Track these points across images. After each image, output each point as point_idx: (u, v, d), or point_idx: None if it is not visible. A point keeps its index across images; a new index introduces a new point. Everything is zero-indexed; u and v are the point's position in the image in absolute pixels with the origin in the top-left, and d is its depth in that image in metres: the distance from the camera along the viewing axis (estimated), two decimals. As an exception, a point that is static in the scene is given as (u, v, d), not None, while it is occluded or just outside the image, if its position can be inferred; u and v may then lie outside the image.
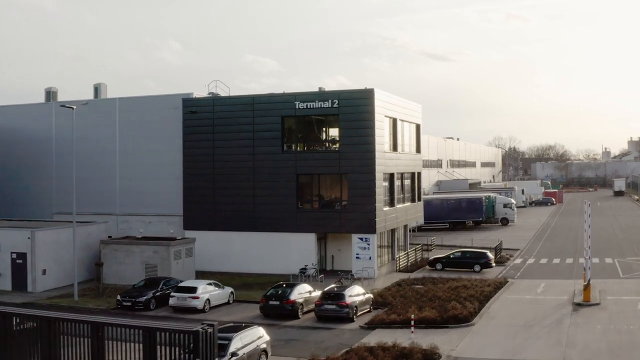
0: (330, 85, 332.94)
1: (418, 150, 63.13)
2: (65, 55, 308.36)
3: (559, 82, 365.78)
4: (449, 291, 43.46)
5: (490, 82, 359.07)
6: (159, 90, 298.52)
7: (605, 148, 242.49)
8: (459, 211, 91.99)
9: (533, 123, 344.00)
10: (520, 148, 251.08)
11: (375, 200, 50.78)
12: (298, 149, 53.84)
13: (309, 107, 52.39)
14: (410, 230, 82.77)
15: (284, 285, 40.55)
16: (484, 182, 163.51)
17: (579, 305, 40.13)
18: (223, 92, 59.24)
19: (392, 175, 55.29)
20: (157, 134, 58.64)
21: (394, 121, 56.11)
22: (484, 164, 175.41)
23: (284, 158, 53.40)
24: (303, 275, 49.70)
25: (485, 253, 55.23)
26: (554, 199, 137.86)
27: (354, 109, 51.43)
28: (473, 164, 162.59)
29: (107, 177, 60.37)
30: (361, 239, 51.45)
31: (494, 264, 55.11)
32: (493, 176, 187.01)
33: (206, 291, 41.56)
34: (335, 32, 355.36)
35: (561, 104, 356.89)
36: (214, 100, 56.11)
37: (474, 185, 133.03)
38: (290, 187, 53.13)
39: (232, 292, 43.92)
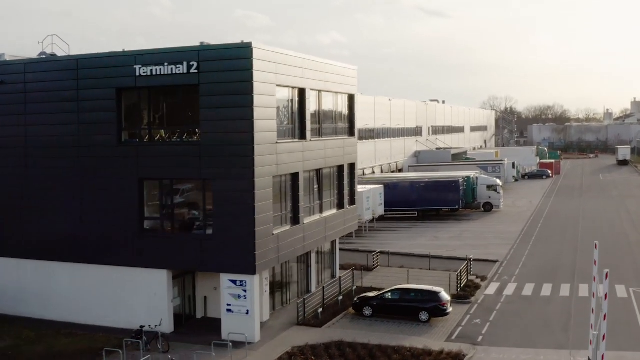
0: (324, 42, 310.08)
1: (351, 132, 42.57)
2: (52, 11, 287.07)
3: (559, 40, 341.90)
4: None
5: (487, 40, 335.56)
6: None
7: (607, 109, 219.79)
8: (431, 196, 71.65)
9: (531, 82, 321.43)
10: (517, 108, 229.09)
11: (253, 222, 30.48)
12: (146, 139, 33.32)
13: (155, 73, 31.72)
14: (367, 221, 63.04)
15: None
16: (473, 149, 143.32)
17: None
18: (63, 53, 38.45)
19: (295, 177, 34.88)
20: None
21: (301, 93, 35.46)
22: (474, 129, 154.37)
23: (122, 154, 33.01)
24: (139, 343, 29.91)
25: (436, 294, 34.92)
26: (550, 171, 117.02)
27: (221, 77, 30.80)
28: (461, 129, 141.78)
29: None
30: (234, 282, 31.37)
31: (449, 309, 34.96)
32: (485, 141, 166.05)
33: None
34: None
35: (561, 63, 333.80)
36: (26, 66, 35.42)
37: (459, 156, 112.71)
38: (130, 198, 32.85)
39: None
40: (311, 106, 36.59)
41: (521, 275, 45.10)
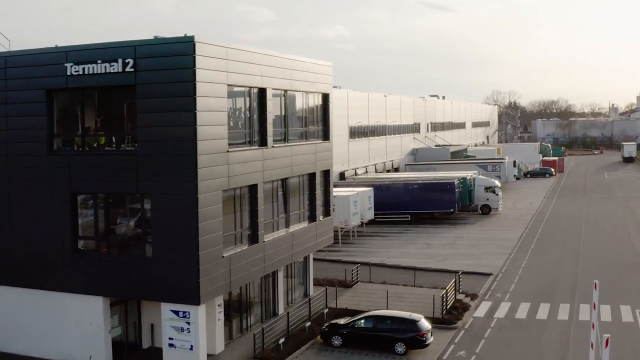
0: (329, 36, 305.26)
1: (326, 135, 37.90)
2: (53, 7, 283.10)
3: (563, 33, 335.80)
4: None
5: (491, 34, 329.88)
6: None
7: (612, 104, 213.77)
8: (424, 199, 66.94)
9: (536, 76, 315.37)
10: (521, 103, 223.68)
11: (197, 244, 26.01)
12: (79, 148, 28.80)
13: (88, 72, 27.25)
14: (355, 227, 58.57)
15: None
16: (475, 146, 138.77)
17: None
18: (4, 49, 33.91)
19: (253, 189, 30.33)
20: None
21: (261, 93, 30.87)
22: (476, 124, 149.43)
23: (53, 164, 28.56)
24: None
25: (414, 323, 30.33)
26: (552, 169, 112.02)
27: (160, 76, 26.28)
28: (462, 125, 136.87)
29: None
30: (176, 312, 26.91)
31: (429, 339, 30.37)
32: (487, 137, 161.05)
33: None
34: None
35: (565, 57, 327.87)
36: (-51, 63, 31.01)
37: (458, 153, 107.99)
38: (62, 214, 28.42)
39: None
40: (275, 108, 32.05)
41: (516, 292, 40.51)
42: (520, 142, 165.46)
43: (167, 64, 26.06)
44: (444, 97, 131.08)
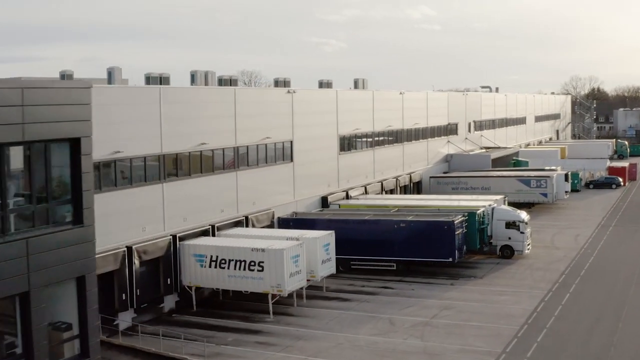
0: (414, 17, 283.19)
1: (78, 218, 20.07)
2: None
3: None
4: None
5: (582, 12, 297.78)
6: (237, 23, 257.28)
7: None
8: (415, 243, 48.15)
9: (623, 59, 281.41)
10: (605, 89, 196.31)
11: None
12: None
13: None
14: (292, 291, 40.98)
15: None
16: (539, 143, 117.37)
17: None
18: None
19: None
20: None
21: None
22: (540, 118, 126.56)
23: None
24: None
25: None
26: (620, 179, 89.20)
27: None
28: (521, 121, 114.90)
29: None
30: None
31: None
32: (557, 132, 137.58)
33: None
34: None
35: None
36: None
37: (506, 158, 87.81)
38: None
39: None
40: None
41: None
42: (595, 138, 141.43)
43: None
44: (497, 89, 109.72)
